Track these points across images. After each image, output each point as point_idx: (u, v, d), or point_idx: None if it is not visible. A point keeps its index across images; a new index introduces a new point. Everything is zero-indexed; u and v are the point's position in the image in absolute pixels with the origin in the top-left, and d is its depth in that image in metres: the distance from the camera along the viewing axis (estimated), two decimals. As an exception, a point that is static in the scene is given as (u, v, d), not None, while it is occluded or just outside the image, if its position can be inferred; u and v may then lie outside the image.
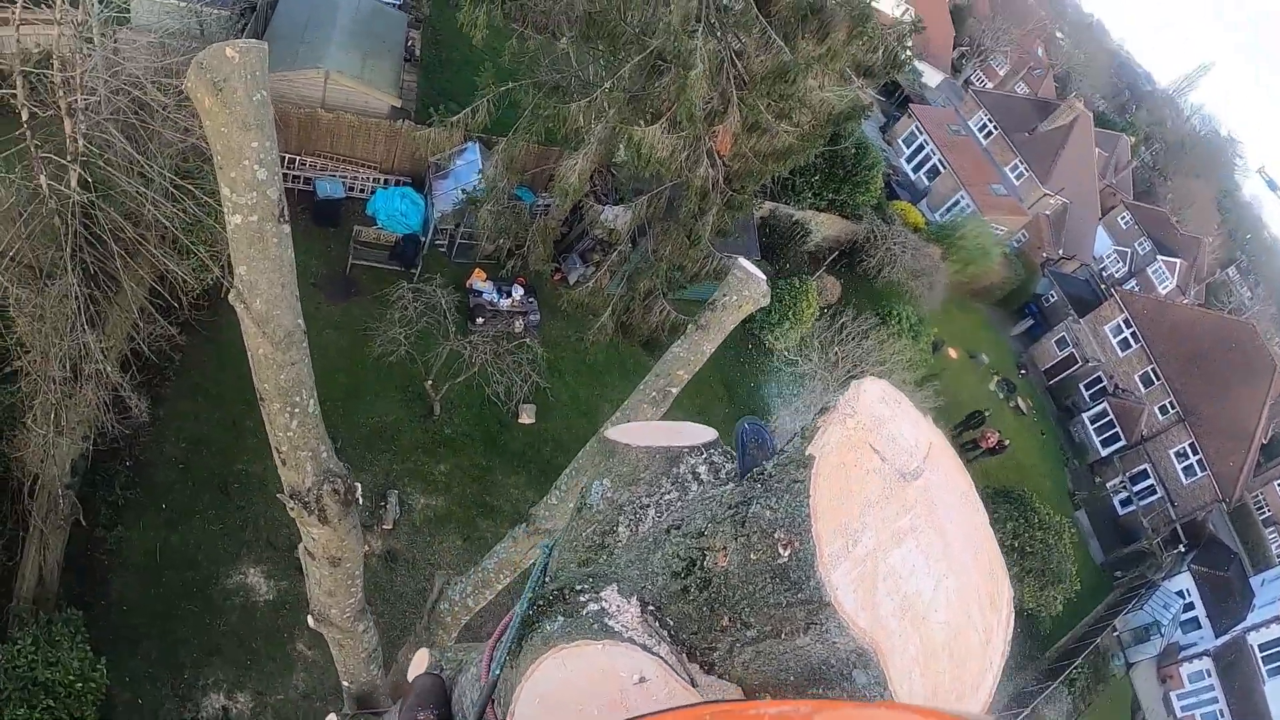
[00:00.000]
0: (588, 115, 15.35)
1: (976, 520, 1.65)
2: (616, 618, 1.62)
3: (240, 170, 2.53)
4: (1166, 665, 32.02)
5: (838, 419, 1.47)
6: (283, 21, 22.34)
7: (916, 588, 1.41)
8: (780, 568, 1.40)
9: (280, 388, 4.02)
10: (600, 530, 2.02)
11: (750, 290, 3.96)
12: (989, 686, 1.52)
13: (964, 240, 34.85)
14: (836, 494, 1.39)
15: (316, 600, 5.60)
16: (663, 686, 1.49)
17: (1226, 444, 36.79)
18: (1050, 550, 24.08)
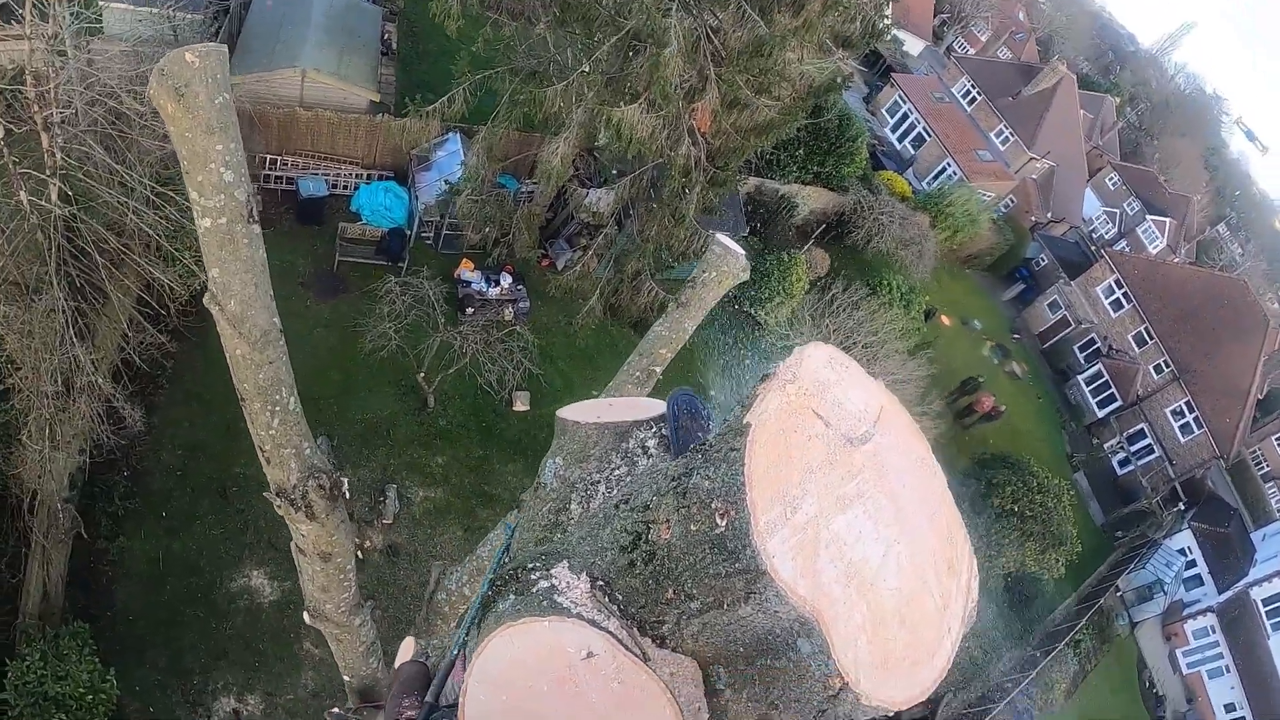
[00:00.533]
0: (566, 99, 15.27)
1: (933, 485, 1.63)
2: (566, 594, 1.61)
3: (207, 174, 2.52)
4: (1171, 623, 32.22)
5: (777, 386, 1.45)
6: (257, 22, 22.18)
7: (863, 554, 1.39)
8: (718, 537, 1.38)
9: (259, 387, 4.00)
10: (554, 508, 2.01)
11: (729, 265, 3.95)
12: (947, 652, 1.50)
13: (952, 207, 34.79)
14: (774, 461, 1.37)
15: (311, 596, 5.61)
16: (611, 661, 1.48)
17: (1222, 401, 36.87)
18: (1050, 513, 24.17)
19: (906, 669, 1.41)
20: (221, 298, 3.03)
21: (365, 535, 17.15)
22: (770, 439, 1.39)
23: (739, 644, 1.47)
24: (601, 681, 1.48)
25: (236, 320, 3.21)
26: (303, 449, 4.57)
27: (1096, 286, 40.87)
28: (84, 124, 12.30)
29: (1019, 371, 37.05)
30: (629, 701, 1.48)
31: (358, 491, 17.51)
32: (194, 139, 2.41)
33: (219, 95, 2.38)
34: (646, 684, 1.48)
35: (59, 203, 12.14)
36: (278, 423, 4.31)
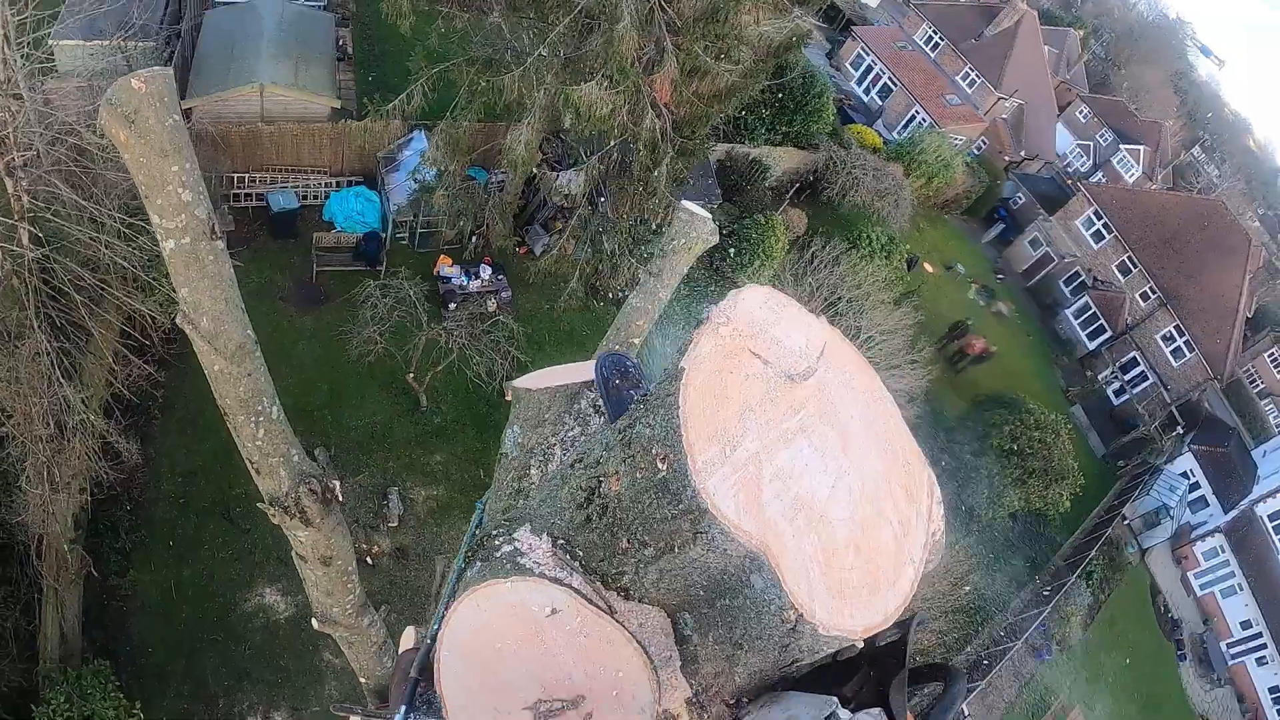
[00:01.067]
0: (523, 84, 15.18)
1: (885, 415, 1.65)
2: (529, 555, 1.62)
3: (165, 196, 2.52)
4: (1180, 546, 32.48)
5: (710, 329, 1.46)
6: (209, 43, 21.94)
7: (811, 487, 1.40)
8: (661, 482, 1.39)
9: (240, 400, 4.00)
10: (516, 476, 2.03)
11: (697, 230, 3.94)
12: (910, 578, 1.52)
13: (924, 155, 34.70)
14: (710, 402, 1.38)
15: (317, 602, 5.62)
16: (575, 616, 1.50)
17: (1211, 322, 37.00)
18: (1050, 449, 24.28)
19: (865, 597, 1.42)
20: (194, 316, 3.04)
21: (372, 541, 17.18)
22: (705, 381, 1.40)
23: (698, 587, 1.49)
24: (567, 637, 1.50)
25: (211, 336, 3.21)
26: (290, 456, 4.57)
27: (1076, 220, 40.90)
28: (47, 164, 12.17)
29: (1006, 311, 37.12)
30: (596, 653, 1.50)
31: (360, 498, 17.53)
32: (149, 164, 2.41)
33: (169, 118, 2.37)
34: (612, 635, 1.50)
35: (30, 246, 12.02)
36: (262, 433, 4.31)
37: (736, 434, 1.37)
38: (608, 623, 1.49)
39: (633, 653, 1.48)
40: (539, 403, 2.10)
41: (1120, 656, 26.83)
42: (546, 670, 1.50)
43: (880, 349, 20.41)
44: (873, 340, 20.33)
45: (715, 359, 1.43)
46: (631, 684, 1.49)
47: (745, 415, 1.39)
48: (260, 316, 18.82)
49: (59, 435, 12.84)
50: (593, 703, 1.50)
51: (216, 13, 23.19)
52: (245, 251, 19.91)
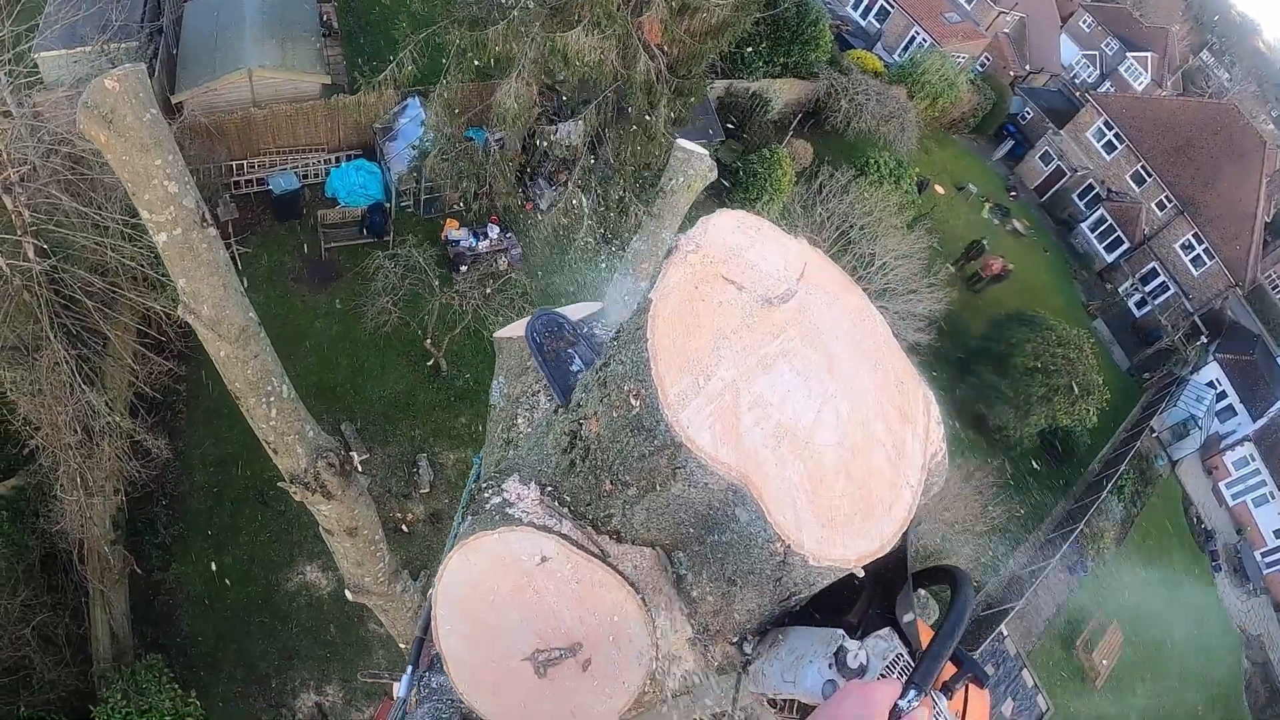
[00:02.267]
0: (508, 38, 14.92)
1: (874, 334, 1.59)
2: (517, 505, 1.60)
3: (152, 190, 2.52)
4: (1210, 457, 32.29)
5: (679, 258, 1.40)
6: (192, 34, 21.70)
7: (794, 413, 1.35)
8: (635, 418, 1.35)
9: (250, 382, 4.02)
10: (505, 427, 2.01)
11: (695, 167, 3.91)
12: (907, 501, 1.47)
13: (927, 75, 34.00)
14: (681, 332, 1.33)
15: (348, 573, 5.71)
16: (566, 562, 1.47)
17: (1230, 228, 36.34)
18: (1074, 364, 24.00)
19: (858, 524, 1.38)
20: (194, 305, 3.05)
21: (405, 509, 17.33)
22: (674, 311, 1.35)
23: (687, 525, 1.46)
24: (559, 584, 1.48)
25: (213, 323, 3.22)
26: (305, 432, 4.60)
27: (1086, 132, 40.13)
28: (44, 176, 12.15)
29: (1021, 228, 36.65)
30: (589, 599, 1.48)
31: (391, 468, 17.67)
32: (132, 160, 2.41)
33: (146, 112, 2.37)
34: (604, 579, 1.47)
35: (37, 259, 12.06)
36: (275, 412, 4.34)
37: (710, 363, 1.32)
38: (599, 567, 1.47)
39: (626, 596, 1.46)
40: (520, 351, 2.07)
41: (1155, 570, 26.83)
42: (541, 619, 1.48)
43: (896, 274, 20.18)
44: (887, 266, 20.10)
45: (685, 288, 1.37)
46: (627, 627, 1.47)
47: (719, 343, 1.34)
48: (274, 300, 19.12)
49: (88, 440, 12.97)
50: (590, 649, 1.48)
51: (196, 3, 22.90)
52: (252, 237, 19.92)
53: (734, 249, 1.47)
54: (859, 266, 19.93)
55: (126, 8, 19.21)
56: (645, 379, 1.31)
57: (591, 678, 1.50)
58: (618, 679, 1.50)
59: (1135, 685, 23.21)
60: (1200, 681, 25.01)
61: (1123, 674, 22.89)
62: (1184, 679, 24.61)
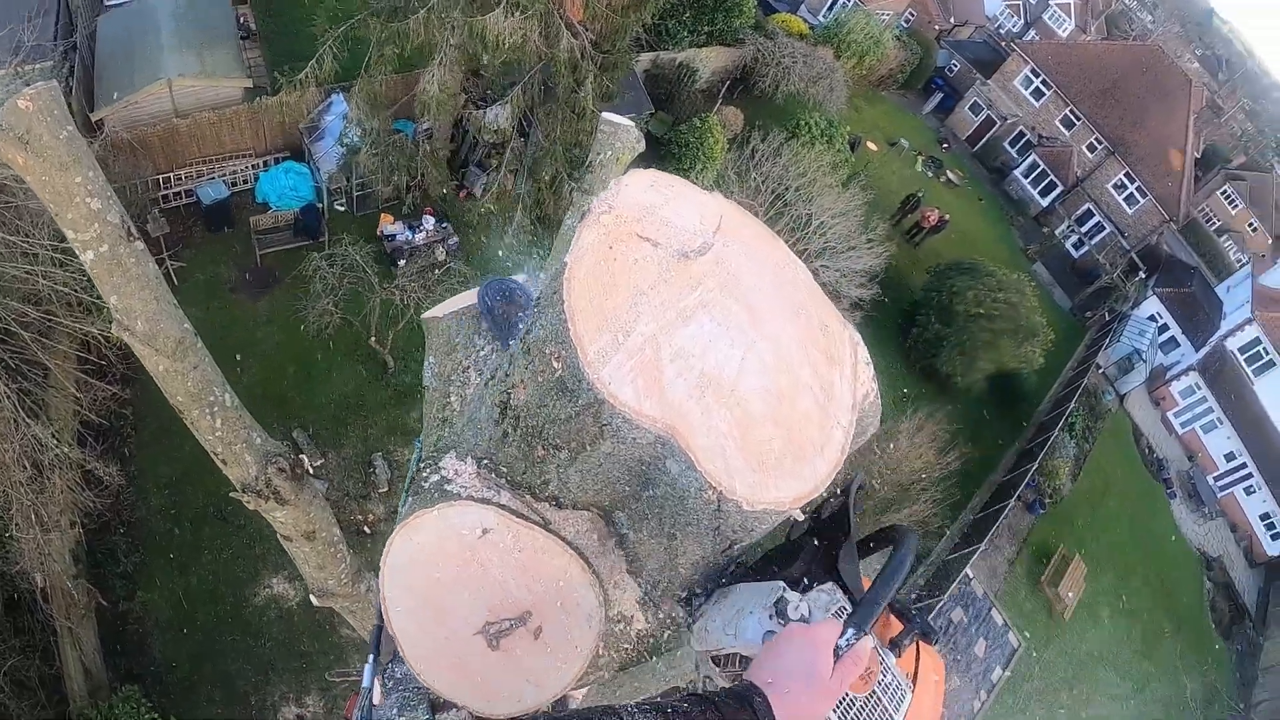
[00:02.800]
0: (428, 26, 14.70)
1: (795, 280, 1.61)
2: (455, 481, 1.60)
3: (75, 209, 2.47)
4: (1156, 388, 33.16)
5: (591, 220, 1.41)
6: (107, 48, 20.99)
7: (717, 362, 1.36)
8: (559, 381, 1.36)
9: (191, 394, 3.95)
10: (440, 406, 2.00)
11: (622, 139, 3.91)
12: (839, 442, 1.49)
13: (852, 34, 34.15)
14: (597, 292, 1.33)
15: (311, 578, 5.66)
16: (507, 532, 1.48)
17: (1161, 166, 37.20)
18: (1015, 308, 24.43)
19: (790, 466, 1.40)
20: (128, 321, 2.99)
21: (365, 510, 17.17)
22: (589, 272, 1.35)
23: (622, 483, 1.46)
24: (501, 554, 1.48)
25: (148, 338, 3.16)
26: (253, 439, 4.54)
27: (1013, 80, 40.72)
28: (-34, 208, 11.79)
29: (955, 179, 37.13)
30: (533, 566, 1.48)
31: (347, 470, 17.49)
32: (52, 180, 2.36)
33: (62, 130, 2.31)
34: (546, 545, 1.48)
35: (-36, 293, 11.72)
36: (220, 422, 4.28)
37: (629, 319, 1.33)
38: (540, 534, 1.47)
39: (569, 560, 1.47)
40: (447, 329, 2.06)
41: (1112, 502, 27.55)
42: (489, 591, 1.49)
43: (834, 233, 20.31)
44: (825, 226, 20.21)
45: (599, 249, 1.38)
46: (574, 591, 1.48)
47: (637, 299, 1.35)
48: (214, 312, 18.75)
49: (38, 475, 12.61)
50: (540, 616, 1.49)
51: (109, 16, 22.18)
52: (186, 251, 19.43)
53: (648, 207, 1.47)
54: (796, 228, 20.01)
55: (38, 27, 18.51)
56: (564, 340, 1.32)
57: (544, 645, 1.51)
58: (570, 644, 1.51)
59: (1103, 614, 23.89)
60: (1165, 605, 25.83)
61: (1090, 604, 23.54)
62: (1149, 604, 25.41)
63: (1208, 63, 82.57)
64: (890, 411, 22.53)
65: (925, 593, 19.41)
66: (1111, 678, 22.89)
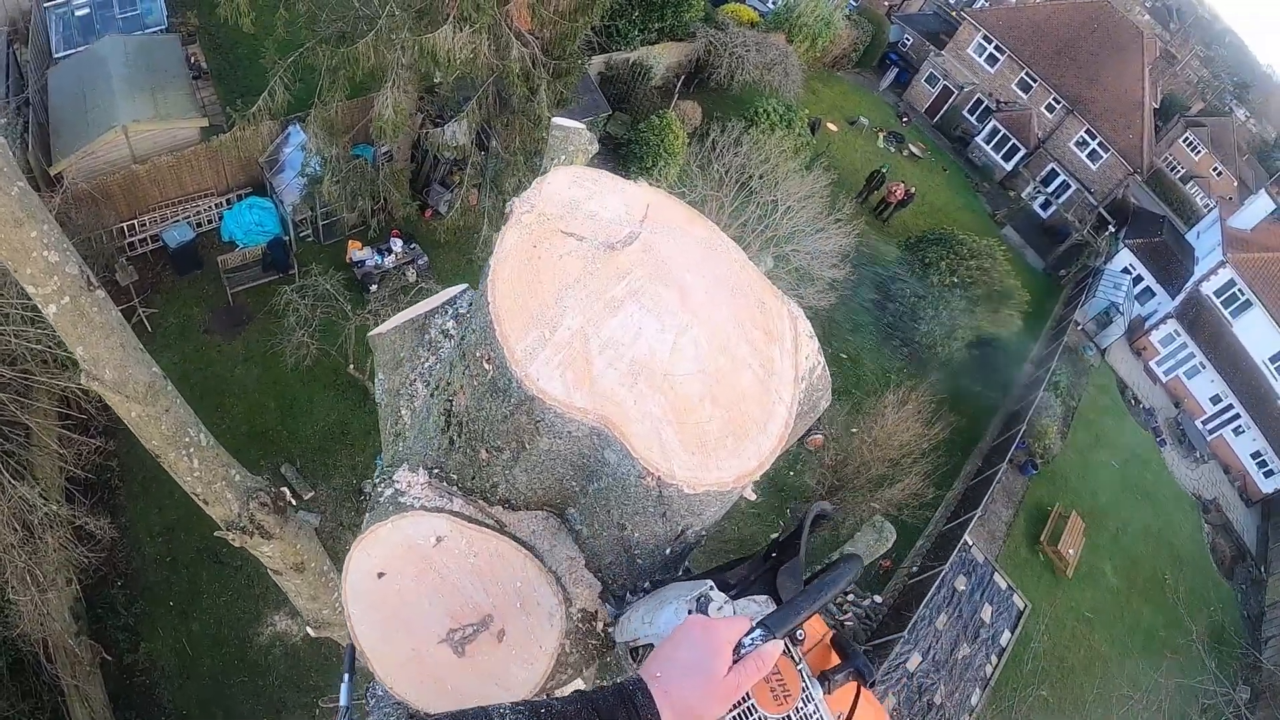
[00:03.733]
0: (377, 48, 14.67)
1: (727, 260, 1.62)
2: (408, 493, 1.61)
3: (32, 263, 2.45)
4: (1136, 339, 33.46)
5: (513, 221, 1.42)
6: (60, 99, 20.84)
7: (648, 349, 1.37)
8: (491, 382, 1.37)
9: (166, 437, 3.93)
10: (392, 421, 2.01)
11: (574, 142, 3.92)
12: (783, 417, 1.49)
13: (803, 18, 34.25)
14: (522, 290, 1.34)
15: (305, 609, 5.64)
16: (460, 539, 1.49)
17: (1120, 119, 37.51)
18: (988, 273, 24.62)
19: (731, 445, 1.40)
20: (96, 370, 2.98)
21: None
22: (513, 272, 1.36)
23: (568, 480, 1.47)
24: (458, 560, 1.49)
25: (118, 385, 3.15)
26: (232, 477, 4.53)
27: (967, 49, 40.99)
28: (-69, 274, 11.69)
29: (918, 152, 37.31)
30: (489, 570, 1.49)
31: (338, 500, 17.43)
32: (7, 236, 2.35)
33: (13, 186, 2.31)
34: (499, 548, 1.49)
35: (-62, 360, 11.63)
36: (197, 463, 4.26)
37: (555, 315, 1.34)
38: (493, 537, 1.48)
39: (524, 560, 1.48)
40: (392, 344, 2.07)
41: (1103, 455, 27.76)
42: (449, 598, 1.49)
43: (802, 215, 20.38)
44: (792, 210, 20.28)
45: (522, 249, 1.39)
46: (532, 590, 1.49)
47: (563, 294, 1.36)
48: (190, 355, 18.66)
49: (30, 536, 12.53)
50: (501, 619, 1.49)
51: (60, 68, 22.03)
52: (156, 297, 19.35)
53: (571, 203, 1.48)
54: (764, 215, 20.07)
55: (-13, 83, 18.50)
56: (492, 341, 1.33)
57: (509, 647, 1.51)
58: (534, 644, 1.51)
59: (1104, 568, 24.07)
60: (1166, 552, 26.05)
61: (1090, 560, 23.71)
62: (1150, 552, 25.61)
63: (1158, 14, 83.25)
64: (875, 388, 22.63)
65: (927, 564, 19.51)
66: (1119, 630, 23.06)
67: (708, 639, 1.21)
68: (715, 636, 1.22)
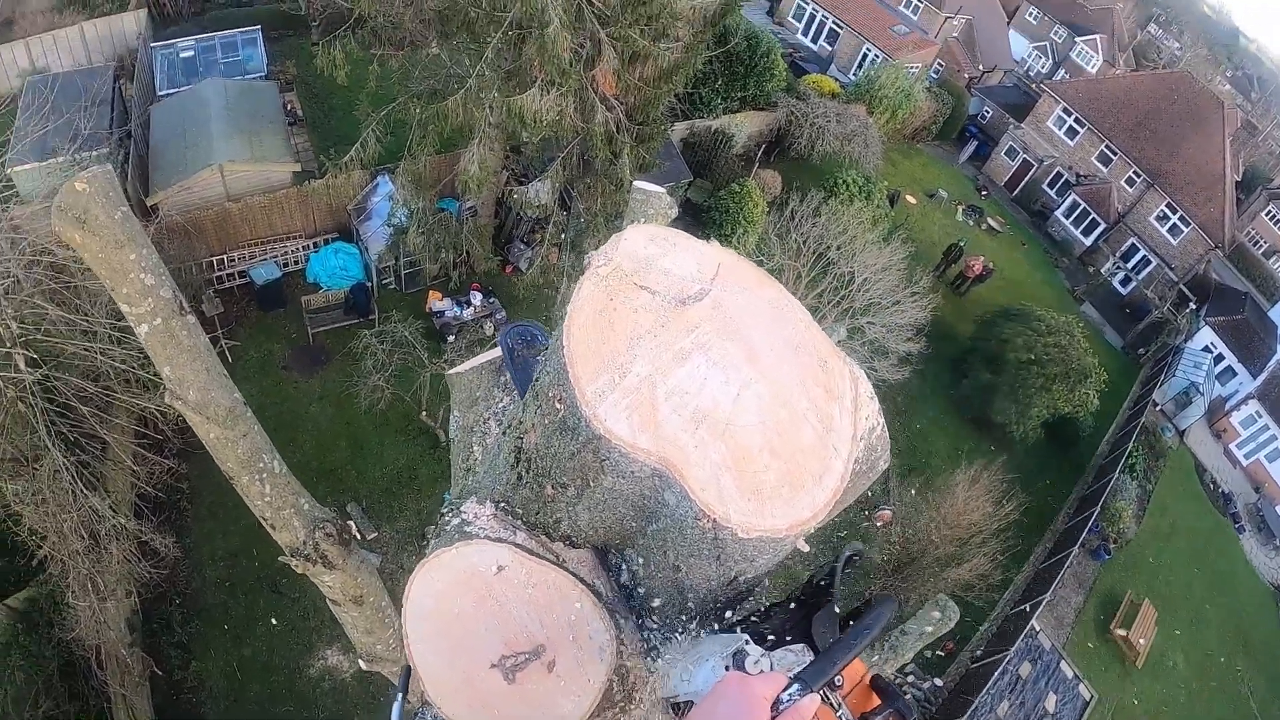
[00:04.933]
0: (466, 106, 15.20)
1: (793, 320, 1.69)
2: (474, 523, 1.68)
3: (129, 284, 2.61)
4: (1216, 421, 32.27)
5: (590, 273, 1.52)
6: (161, 135, 22.08)
7: (712, 399, 1.45)
8: (561, 421, 1.45)
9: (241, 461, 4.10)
10: (464, 457, 2.10)
11: (654, 206, 4.01)
12: (839, 472, 1.54)
13: (883, 90, 34.53)
14: (595, 337, 1.44)
15: (359, 642, 5.72)
16: (521, 569, 1.56)
17: (1201, 193, 36.70)
18: (1066, 351, 24.10)
19: (786, 495, 1.46)
20: (180, 391, 3.14)
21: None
22: (588, 319, 1.46)
23: (628, 520, 1.54)
24: (517, 590, 1.56)
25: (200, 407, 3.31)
26: (301, 505, 4.67)
27: (1046, 121, 40.74)
28: (29, 287, 12.24)
29: (997, 226, 36.98)
30: (546, 601, 1.55)
31: (400, 543, 17.64)
32: (107, 257, 2.51)
33: (117, 210, 2.48)
34: (558, 581, 1.55)
35: (28, 369, 12.13)
36: (269, 489, 4.42)
37: (625, 361, 1.42)
38: (552, 570, 1.55)
39: (581, 594, 1.54)
40: (469, 383, 2.17)
41: (1179, 541, 26.69)
42: (504, 626, 1.56)
43: (878, 288, 20.32)
44: (869, 281, 20.24)
45: (598, 299, 1.48)
46: (586, 625, 1.55)
47: (634, 344, 1.44)
48: (268, 389, 19.22)
49: (95, 545, 12.95)
50: (553, 650, 1.55)
51: (162, 105, 23.35)
52: (240, 330, 20.12)
53: (646, 259, 1.57)
54: (840, 285, 20.07)
55: (94, 116, 19.55)
56: (565, 383, 1.42)
57: (558, 678, 1.57)
58: (583, 677, 1.57)
59: (1176, 659, 22.99)
60: (1240, 644, 24.78)
61: (1161, 650, 22.68)
62: (1223, 644, 24.40)
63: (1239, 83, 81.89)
64: (945, 465, 22.18)
65: (992, 648, 18.88)
66: (1191, 727, 21.95)
67: (745, 696, 1.23)
68: (752, 693, 1.23)
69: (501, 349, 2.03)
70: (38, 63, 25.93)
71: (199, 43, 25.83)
